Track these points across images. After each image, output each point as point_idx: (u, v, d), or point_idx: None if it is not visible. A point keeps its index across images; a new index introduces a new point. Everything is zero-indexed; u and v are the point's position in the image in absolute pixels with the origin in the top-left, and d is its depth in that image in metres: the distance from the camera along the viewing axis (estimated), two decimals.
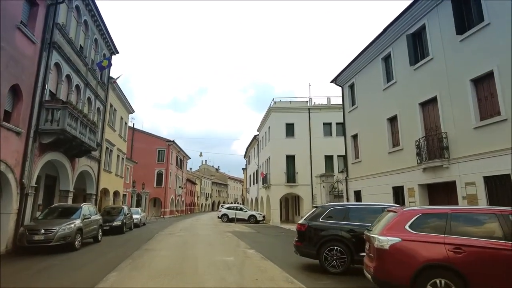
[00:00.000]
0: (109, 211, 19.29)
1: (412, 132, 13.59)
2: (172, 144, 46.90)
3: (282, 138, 28.40)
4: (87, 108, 18.16)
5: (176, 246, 11.87)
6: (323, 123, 28.70)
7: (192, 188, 72.85)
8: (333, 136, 28.58)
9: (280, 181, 27.58)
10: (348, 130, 19.80)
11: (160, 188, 45.17)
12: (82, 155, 16.30)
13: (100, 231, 13.75)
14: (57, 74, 14.07)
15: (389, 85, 15.53)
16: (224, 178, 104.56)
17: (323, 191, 23.52)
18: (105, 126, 21.27)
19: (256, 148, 39.05)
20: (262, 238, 15.88)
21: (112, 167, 23.34)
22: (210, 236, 15.67)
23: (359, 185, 17.85)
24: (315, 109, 29.05)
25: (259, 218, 28.96)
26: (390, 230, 5.17)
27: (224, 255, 9.66)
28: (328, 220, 7.92)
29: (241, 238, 14.82)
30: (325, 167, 27.63)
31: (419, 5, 12.89)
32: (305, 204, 27.13)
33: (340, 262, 7.46)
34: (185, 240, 13.66)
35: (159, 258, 9.07)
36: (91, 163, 18.86)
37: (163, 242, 13.05)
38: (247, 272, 7.45)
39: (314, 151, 27.96)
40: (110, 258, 9.37)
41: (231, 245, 12.18)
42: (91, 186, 19.48)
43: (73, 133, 13.44)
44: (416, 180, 13.26)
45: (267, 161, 30.70)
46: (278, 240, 14.94)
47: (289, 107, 29.06)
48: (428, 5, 12.63)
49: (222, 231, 19.18)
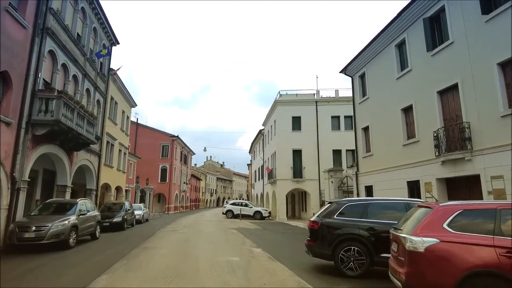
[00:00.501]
0: (110, 207, 18.65)
1: (429, 123, 12.66)
2: (176, 139, 46.24)
3: (288, 132, 27.51)
4: (86, 100, 17.46)
5: (178, 244, 11.13)
6: (331, 116, 27.74)
7: (197, 184, 72.37)
8: (342, 129, 27.62)
9: (287, 176, 26.74)
10: (359, 123, 18.89)
11: (164, 183, 44.62)
12: (80, 149, 15.61)
13: (98, 227, 13.07)
14: (52, 62, 13.34)
15: (403, 73, 14.58)
16: (229, 174, 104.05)
17: (331, 187, 22.64)
18: (106, 119, 20.58)
19: (261, 143, 38.21)
20: (268, 235, 15.11)
21: (113, 162, 22.69)
22: (214, 233, 14.93)
23: (371, 180, 16.97)
24: (322, 101, 28.09)
25: (265, 214, 28.21)
26: (424, 229, 4.33)
27: (228, 255, 8.89)
28: (344, 217, 7.09)
29: (247, 236, 14.06)
30: (333, 161, 26.72)
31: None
32: (312, 200, 26.29)
33: (358, 264, 6.64)
34: (187, 238, 12.93)
35: (158, 258, 8.33)
36: (91, 157, 18.19)
37: (164, 240, 12.33)
38: (253, 275, 6.67)
39: (321, 145, 27.05)
40: (105, 257, 8.65)
41: (236, 243, 11.42)
42: (91, 181, 18.84)
43: (69, 125, 12.73)
44: (433, 174, 12.35)
45: (272, 156, 29.86)
46: (285, 238, 14.16)
47: (296, 100, 28.12)
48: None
49: (227, 227, 18.45)
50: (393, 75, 15.22)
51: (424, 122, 13.07)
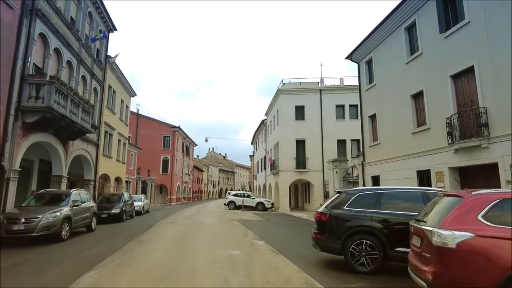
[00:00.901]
0: (108, 198, 18.15)
1: (441, 109, 11.95)
2: (178, 130, 45.66)
3: (291, 121, 26.79)
4: (82, 87, 16.82)
5: (176, 236, 10.59)
6: (336, 105, 26.97)
7: (199, 175, 72.05)
8: (346, 119, 26.87)
9: (290, 167, 26.13)
10: (365, 110, 18.16)
11: (166, 175, 44.22)
12: (75, 138, 15.03)
13: (94, 219, 12.55)
14: (43, 46, 12.67)
15: (413, 57, 13.81)
16: (231, 166, 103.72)
17: (336, 177, 22.03)
18: (103, 108, 19.96)
19: (264, 134, 37.54)
20: (271, 227, 14.56)
21: (112, 152, 22.14)
22: (215, 225, 14.40)
23: (377, 170, 16.33)
24: (326, 90, 27.28)
25: (268, 205, 27.70)
26: (455, 221, 3.70)
27: (229, 248, 8.32)
28: (354, 207, 6.46)
29: (249, 227, 13.51)
30: (338, 152, 26.05)
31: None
32: (316, 191, 25.71)
33: (370, 259, 6.04)
34: (187, 230, 12.40)
35: (153, 252, 7.77)
36: (88, 147, 17.63)
37: (163, 232, 11.81)
38: (256, 271, 6.09)
39: (325, 135, 26.35)
40: (97, 251, 8.10)
41: (238, 236, 10.85)
42: (89, 172, 18.33)
43: (62, 112, 12.12)
44: (446, 163, 11.68)
45: (275, 146, 29.21)
46: (289, 230, 13.60)
47: (299, 89, 27.33)
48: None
49: (229, 219, 17.93)
50: (402, 59, 14.47)
51: (435, 108, 12.36)
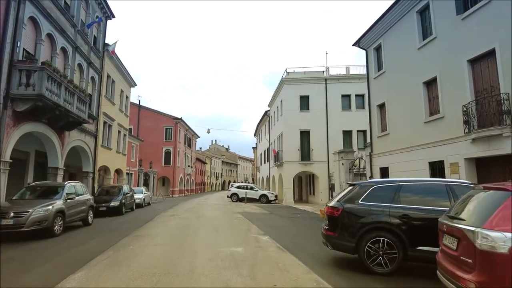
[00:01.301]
0: (108, 190, 17.63)
1: (457, 96, 11.20)
2: (180, 121, 45.04)
3: (295, 112, 26.04)
4: (79, 76, 16.18)
5: (175, 231, 10.01)
6: (341, 95, 26.15)
7: (202, 167, 71.68)
8: (352, 109, 26.07)
9: (294, 158, 25.47)
10: (374, 99, 17.39)
11: (168, 167, 43.78)
12: (72, 128, 14.44)
13: (90, 212, 12.01)
14: (35, 31, 12.00)
15: (426, 42, 13.00)
16: (234, 158, 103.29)
17: (341, 169, 21.36)
18: (102, 97, 19.33)
19: (267, 125, 36.82)
20: (276, 220, 13.98)
21: (112, 144, 21.58)
22: (217, 219, 13.83)
23: (386, 161, 15.65)
24: (332, 79, 26.43)
25: (271, 197, 27.14)
26: (505, 221, 3.04)
27: (231, 245, 7.72)
28: (370, 201, 5.81)
29: (252, 221, 12.94)
30: (343, 143, 25.32)
31: None
32: (321, 183, 25.08)
33: (388, 258, 5.41)
34: (188, 224, 11.83)
35: (149, 249, 7.19)
36: (86, 137, 17.05)
37: (161, 226, 11.25)
38: (260, 271, 5.49)
39: (331, 126, 25.59)
40: (91, 247, 7.55)
41: (241, 230, 10.27)
42: (87, 164, 17.78)
43: (55, 100, 11.48)
44: (461, 153, 10.97)
45: (279, 137, 28.53)
46: (294, 223, 13.01)
47: (304, 78, 26.50)
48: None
49: (231, 212, 17.37)
50: (414, 45, 13.67)
51: (450, 95, 11.61)
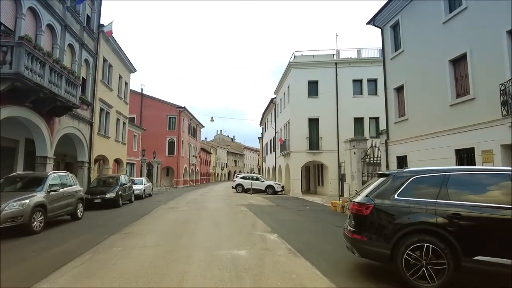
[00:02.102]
0: (105, 180, 16.54)
1: (492, 74, 9.77)
2: (183, 110, 43.82)
3: (303, 98, 24.59)
4: (70, 57, 14.96)
5: (171, 227, 8.84)
6: (353, 80, 24.59)
7: (207, 157, 70.78)
8: (364, 94, 24.54)
9: (302, 147, 24.14)
10: (390, 82, 15.93)
11: (172, 157, 42.80)
12: (61, 114, 13.29)
13: (80, 205, 10.91)
14: (14, 4, 10.73)
15: (453, 14, 11.47)
16: (239, 148, 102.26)
17: (353, 158, 20.02)
18: (98, 82, 18.12)
19: (273, 113, 35.42)
20: (284, 214, 12.78)
21: (110, 132, 20.46)
22: (219, 212, 12.66)
23: (404, 149, 14.31)
24: (343, 63, 24.84)
25: (278, 188, 25.95)
26: None
27: (233, 246, 6.52)
28: (409, 196, 4.52)
29: (258, 215, 11.75)
30: (354, 131, 23.90)
31: None
32: (330, 173, 23.78)
33: (434, 270, 4.15)
34: (187, 218, 10.67)
35: (135, 252, 6.02)
36: (80, 125, 15.92)
37: (157, 221, 10.10)
38: (269, 284, 4.27)
39: (341, 113, 24.13)
40: (67, 248, 6.41)
41: (245, 226, 9.06)
42: (82, 153, 16.70)
43: (37, 81, 10.28)
44: (497, 139, 9.58)
45: (286, 125, 27.16)
46: (304, 217, 11.78)
47: (313, 62, 24.95)
48: None
49: (236, 204, 16.22)
50: (439, 19, 12.14)
51: (483, 74, 10.16)
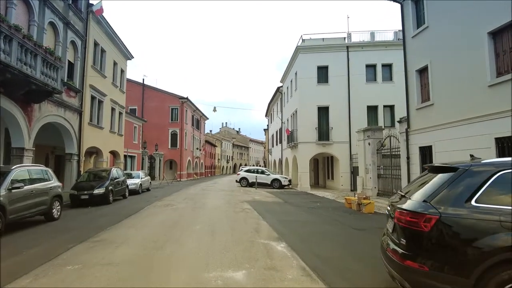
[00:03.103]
0: (96, 174, 15.07)
1: None
2: (186, 101, 42.24)
3: (312, 85, 22.77)
4: (53, 38, 13.40)
5: (155, 233, 7.24)
6: (366, 65, 22.68)
7: (212, 150, 69.40)
8: (378, 81, 22.64)
9: (310, 138, 22.41)
10: (412, 63, 14.15)
11: (175, 149, 41.42)
12: (40, 99, 11.77)
13: (56, 204, 9.44)
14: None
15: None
16: (245, 141, 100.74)
17: (367, 150, 18.28)
18: (87, 67, 16.56)
19: (279, 103, 33.63)
20: (292, 213, 11.17)
21: (103, 122, 18.97)
22: (218, 211, 11.07)
23: (429, 139, 12.59)
24: (355, 47, 22.91)
25: (284, 182, 24.32)
26: None
27: (227, 263, 4.92)
28: (495, 203, 2.87)
29: (263, 214, 10.16)
30: (368, 120, 22.10)
31: None
32: (341, 166, 22.06)
33: None
34: (178, 219, 9.10)
35: (93, 273, 4.45)
36: (66, 113, 14.43)
37: (142, 223, 8.54)
38: None
39: (353, 101, 22.30)
40: (7, 266, 4.86)
41: (246, 232, 7.43)
42: (70, 144, 15.26)
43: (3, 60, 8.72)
44: None
45: (293, 115, 25.41)
46: (316, 217, 10.15)
47: (322, 46, 23.06)
48: None
49: (238, 200, 14.65)
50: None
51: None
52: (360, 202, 12.15)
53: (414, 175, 13.51)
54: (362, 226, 8.68)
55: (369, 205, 11.82)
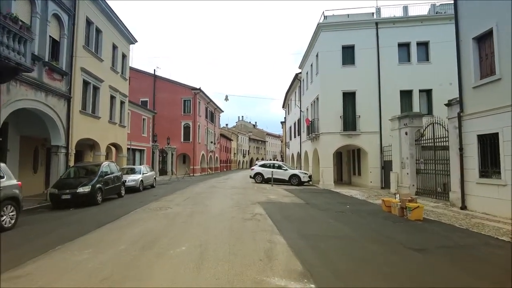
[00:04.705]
0: (86, 168, 13.00)
1: None
2: (199, 92, 40.06)
3: (336, 67, 19.89)
4: (28, 7, 11.26)
5: (116, 260, 4.85)
6: (398, 43, 19.60)
7: (228, 144, 67.32)
8: (413, 62, 19.52)
9: (334, 129, 19.63)
10: (467, 29, 11.24)
11: (188, 143, 39.45)
12: (4, 78, 9.62)
13: (10, 210, 7.26)
14: None
15: None
16: (262, 135, 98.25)
17: (404, 140, 15.41)
18: (77, 47, 14.43)
19: (298, 92, 30.84)
20: (318, 220, 8.60)
21: (100, 111, 16.88)
22: (220, 218, 8.56)
23: (493, 124, 9.78)
24: (385, 23, 19.85)
25: (304, 178, 21.68)
26: None
27: None
28: None
29: (279, 224, 7.66)
30: (401, 107, 19.10)
31: None
32: (370, 160, 19.20)
33: None
34: (159, 234, 6.62)
35: None
36: (50, 99, 12.34)
37: (107, 240, 6.12)
38: None
39: (384, 85, 19.33)
40: None
41: (252, 260, 4.77)
42: (56, 135, 13.21)
43: None
44: None
45: (314, 103, 22.63)
46: (352, 228, 7.54)
47: (347, 23, 20.11)
48: None
49: (249, 201, 12.20)
50: None
51: None
52: (405, 205, 9.44)
53: (471, 170, 10.67)
54: (420, 243, 6.09)
55: (417, 209, 9.10)
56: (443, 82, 18.73)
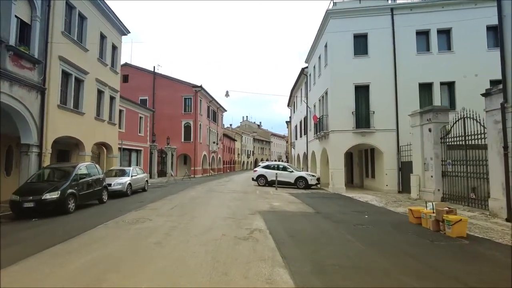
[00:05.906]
0: (60, 170, 11.21)
1: None
2: (200, 90, 38.30)
3: (347, 58, 17.93)
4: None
5: None
6: (416, 31, 17.58)
7: (231, 144, 65.51)
8: (433, 51, 17.48)
9: (345, 126, 17.65)
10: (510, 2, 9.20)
11: (189, 143, 37.72)
12: None
13: None
14: None
15: None
16: (266, 135, 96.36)
17: (427, 138, 13.43)
18: (53, 32, 12.69)
19: (304, 88, 28.87)
20: (334, 238, 6.68)
21: (84, 106, 15.13)
22: (207, 237, 6.59)
23: None
24: (402, 8, 17.85)
25: (312, 181, 19.75)
26: None
27: None
28: None
29: (283, 246, 5.79)
30: (420, 102, 17.07)
31: None
32: (386, 161, 17.19)
33: None
34: (117, 263, 4.80)
35: None
36: (17, 90, 10.63)
37: (34, 276, 4.33)
38: None
39: (401, 77, 17.33)
40: None
41: None
42: (26, 133, 11.49)
43: None
44: None
45: (322, 98, 20.68)
46: (379, 251, 5.64)
47: (359, 9, 18.14)
48: None
49: (248, 210, 10.31)
50: None
51: None
52: (441, 218, 7.48)
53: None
54: (484, 279, 4.16)
55: (459, 224, 7.13)
56: (468, 73, 16.72)
